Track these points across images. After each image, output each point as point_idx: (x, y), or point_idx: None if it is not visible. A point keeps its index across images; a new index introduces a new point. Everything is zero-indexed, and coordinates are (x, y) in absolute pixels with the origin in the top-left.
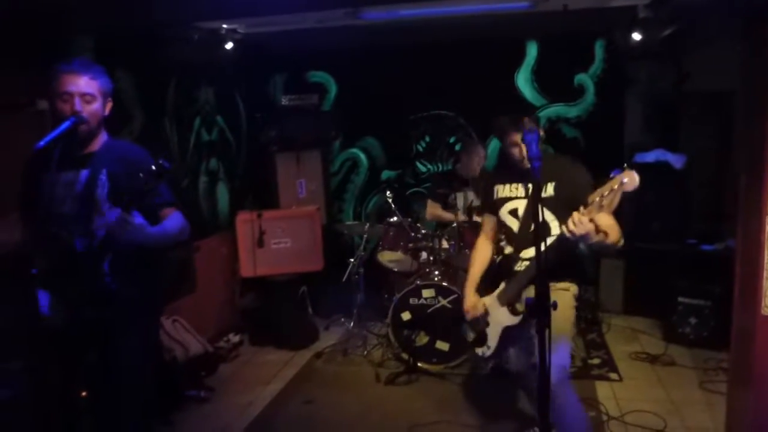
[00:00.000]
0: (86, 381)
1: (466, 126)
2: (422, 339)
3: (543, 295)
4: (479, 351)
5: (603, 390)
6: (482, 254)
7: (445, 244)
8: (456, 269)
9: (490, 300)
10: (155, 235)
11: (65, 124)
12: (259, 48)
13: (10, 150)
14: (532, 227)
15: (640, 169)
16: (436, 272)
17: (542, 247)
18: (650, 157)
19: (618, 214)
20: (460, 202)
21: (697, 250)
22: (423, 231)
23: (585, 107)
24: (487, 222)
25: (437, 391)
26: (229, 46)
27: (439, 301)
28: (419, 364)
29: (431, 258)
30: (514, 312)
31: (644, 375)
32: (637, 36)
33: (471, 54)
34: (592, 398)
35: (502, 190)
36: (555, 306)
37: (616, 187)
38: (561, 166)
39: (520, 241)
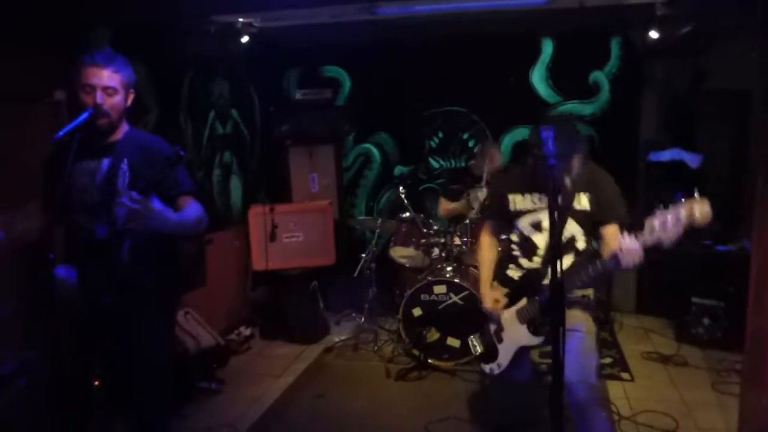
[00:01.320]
0: (102, 369)
1: (480, 122)
2: (433, 335)
3: (558, 293)
4: (487, 367)
5: (614, 389)
6: (490, 252)
7: (457, 241)
8: (468, 266)
9: (508, 315)
10: (173, 222)
11: (82, 116)
12: (274, 42)
13: (27, 140)
14: (561, 239)
15: (656, 168)
16: (448, 269)
17: (559, 248)
18: (666, 156)
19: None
20: (474, 199)
21: (711, 251)
22: (435, 227)
23: (600, 105)
24: (491, 226)
25: (448, 387)
26: (244, 39)
27: (450, 298)
28: (430, 361)
29: (443, 254)
30: (534, 332)
31: (656, 375)
32: (654, 34)
33: (485, 50)
34: (604, 398)
35: (521, 201)
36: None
37: (683, 218)
38: (594, 177)
39: (547, 255)
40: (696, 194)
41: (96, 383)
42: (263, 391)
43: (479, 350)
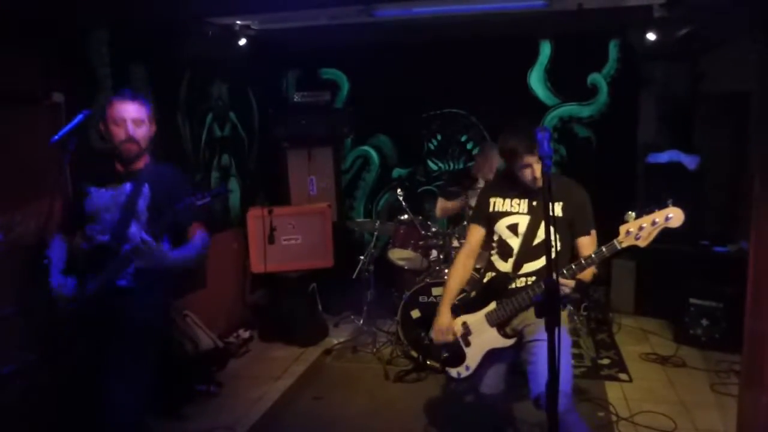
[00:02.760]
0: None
1: (478, 125)
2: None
3: (552, 292)
4: (453, 372)
5: (613, 390)
6: (464, 270)
7: (455, 243)
8: None
9: (476, 318)
10: (174, 260)
11: (78, 118)
12: (272, 44)
13: (26, 142)
14: (534, 243)
15: (654, 169)
16: (446, 270)
17: (552, 254)
18: (664, 157)
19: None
20: (472, 201)
21: (709, 252)
22: (433, 229)
23: (598, 107)
24: (474, 233)
25: (446, 389)
26: (242, 42)
27: None
28: (428, 362)
29: (441, 256)
30: (504, 335)
31: (654, 376)
32: (652, 36)
33: (484, 52)
34: (602, 398)
35: (501, 204)
36: (565, 305)
37: (659, 220)
38: (567, 187)
39: (519, 258)
40: (669, 203)
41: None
42: (262, 394)
43: (445, 355)
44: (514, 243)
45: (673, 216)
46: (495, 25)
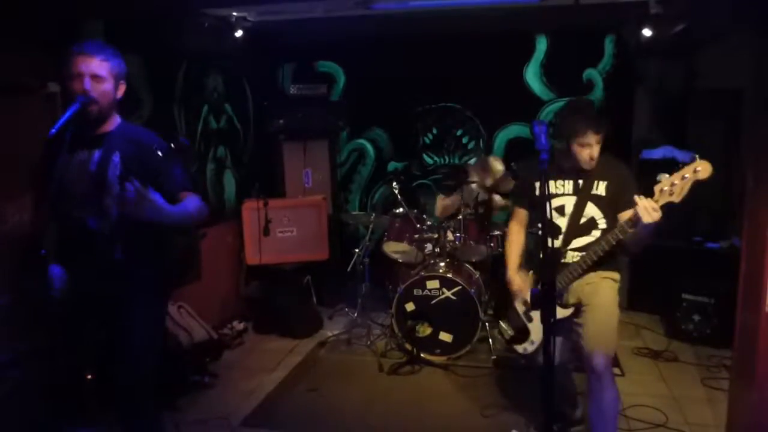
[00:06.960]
0: (95, 360)
1: (474, 119)
2: (426, 330)
3: (549, 285)
4: (520, 348)
5: None
6: (518, 238)
7: (450, 236)
8: (461, 261)
9: None
10: (174, 214)
11: (74, 106)
12: (269, 36)
13: (21, 133)
14: (581, 222)
15: (648, 165)
16: (441, 264)
17: (549, 242)
18: (657, 153)
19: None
20: (466, 195)
21: (702, 248)
22: (428, 223)
23: (593, 102)
24: (520, 214)
25: (440, 382)
26: (238, 34)
27: (443, 293)
28: (422, 355)
29: (436, 250)
30: (562, 305)
31: (646, 370)
32: (647, 32)
33: (480, 47)
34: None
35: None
36: (561, 298)
37: (688, 175)
38: (610, 165)
39: (567, 236)
40: (696, 156)
41: (89, 376)
42: (256, 385)
43: (510, 334)
44: (562, 223)
45: (701, 168)
46: (491, 20)
